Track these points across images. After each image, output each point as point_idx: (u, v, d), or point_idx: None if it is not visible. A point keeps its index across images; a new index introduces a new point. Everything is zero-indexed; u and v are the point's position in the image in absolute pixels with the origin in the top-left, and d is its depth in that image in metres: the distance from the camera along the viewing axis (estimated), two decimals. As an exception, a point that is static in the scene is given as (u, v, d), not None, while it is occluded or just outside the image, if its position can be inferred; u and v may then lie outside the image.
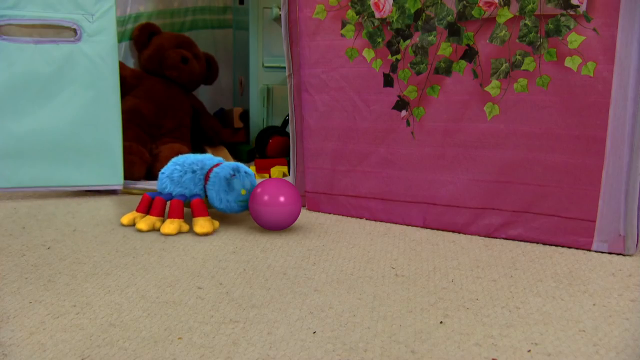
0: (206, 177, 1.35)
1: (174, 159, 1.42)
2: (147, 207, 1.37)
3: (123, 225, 1.36)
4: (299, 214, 1.34)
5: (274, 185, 1.31)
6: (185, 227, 1.32)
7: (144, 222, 1.32)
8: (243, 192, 1.33)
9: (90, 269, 1.09)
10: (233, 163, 1.36)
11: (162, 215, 1.35)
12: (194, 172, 1.37)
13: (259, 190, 1.31)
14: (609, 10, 1.13)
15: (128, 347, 0.81)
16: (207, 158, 1.41)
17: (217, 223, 1.33)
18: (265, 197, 1.29)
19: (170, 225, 1.29)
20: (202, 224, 1.29)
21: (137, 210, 1.37)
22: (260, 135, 2.16)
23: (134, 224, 1.36)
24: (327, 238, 1.30)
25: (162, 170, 1.41)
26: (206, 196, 1.36)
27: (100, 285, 1.02)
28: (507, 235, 1.30)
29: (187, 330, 0.86)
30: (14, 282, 1.03)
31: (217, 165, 1.37)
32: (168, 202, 1.37)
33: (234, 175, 1.33)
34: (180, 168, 1.38)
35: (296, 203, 1.31)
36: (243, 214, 1.46)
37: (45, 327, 0.86)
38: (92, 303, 0.94)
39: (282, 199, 1.29)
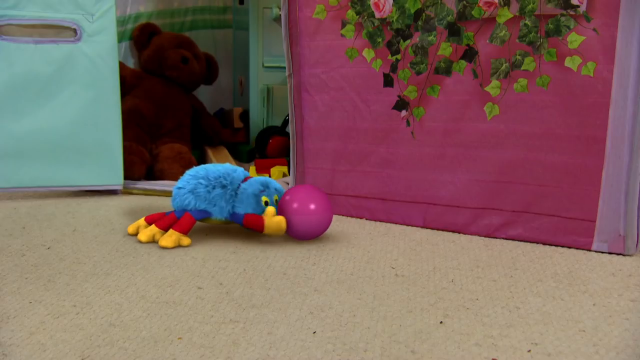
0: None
1: (192, 172, 1.29)
2: (157, 220, 1.28)
3: (129, 234, 1.30)
4: (329, 222, 1.28)
5: (304, 193, 1.26)
6: (186, 240, 1.23)
7: (144, 234, 1.25)
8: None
9: (90, 269, 1.09)
10: (261, 178, 1.28)
11: (166, 229, 1.26)
12: (223, 187, 1.25)
13: (287, 197, 1.25)
14: (609, 10, 1.13)
15: (128, 347, 0.81)
16: (232, 170, 1.29)
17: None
18: (295, 205, 1.24)
19: (168, 239, 1.21)
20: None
21: (145, 220, 1.30)
22: (260, 135, 2.15)
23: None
24: (327, 238, 1.30)
25: (179, 185, 1.29)
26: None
27: (100, 285, 1.02)
28: (507, 235, 1.30)
29: (187, 330, 0.86)
30: (14, 282, 1.03)
31: (244, 180, 1.28)
32: None
33: (263, 191, 1.25)
34: (206, 182, 1.26)
35: (327, 211, 1.26)
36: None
37: (45, 327, 0.86)
38: (92, 303, 0.94)
39: (312, 206, 1.23)
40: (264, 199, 1.25)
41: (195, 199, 1.26)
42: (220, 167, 1.30)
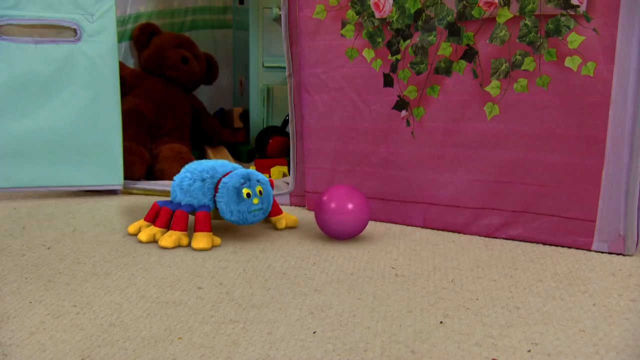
0: (216, 187, 1.25)
1: (187, 166, 1.33)
2: (154, 216, 1.29)
3: (130, 234, 1.29)
4: (366, 221, 1.28)
5: (341, 193, 1.27)
6: (185, 240, 1.23)
7: (145, 233, 1.25)
8: (256, 201, 1.22)
9: (90, 269, 1.09)
10: (245, 170, 1.27)
11: (166, 227, 1.26)
12: (203, 180, 1.26)
13: (325, 198, 1.26)
14: (609, 10, 1.13)
15: (128, 347, 0.81)
16: (220, 165, 1.30)
17: (218, 240, 1.24)
18: (333, 205, 1.25)
19: (168, 239, 1.22)
20: (200, 239, 1.20)
21: (145, 219, 1.31)
22: (260, 135, 2.15)
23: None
24: (327, 238, 1.30)
25: (175, 177, 1.32)
26: (216, 208, 1.26)
27: (100, 285, 1.02)
28: (507, 235, 1.30)
29: (187, 330, 0.86)
30: (14, 282, 1.03)
31: (228, 173, 1.26)
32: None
33: (244, 183, 1.22)
34: (190, 176, 1.28)
35: (364, 210, 1.26)
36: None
37: (45, 327, 0.86)
38: (92, 303, 0.94)
39: (350, 206, 1.24)
40: (245, 191, 1.21)
41: (180, 192, 1.29)
42: (213, 162, 1.32)
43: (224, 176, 1.26)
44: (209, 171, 1.28)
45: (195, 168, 1.30)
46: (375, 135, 1.41)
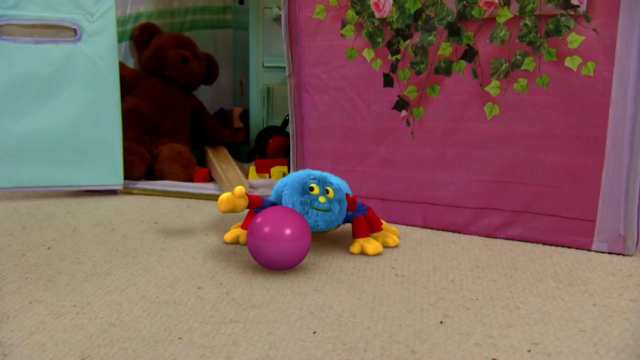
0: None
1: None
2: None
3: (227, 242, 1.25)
4: (307, 250, 1.09)
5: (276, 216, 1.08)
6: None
7: (230, 234, 1.24)
8: (322, 199, 1.14)
9: (90, 269, 1.09)
10: (321, 172, 1.22)
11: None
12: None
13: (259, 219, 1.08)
14: (609, 10, 1.13)
15: (128, 347, 0.81)
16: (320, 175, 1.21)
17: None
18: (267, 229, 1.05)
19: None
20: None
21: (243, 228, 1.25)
22: (260, 135, 2.15)
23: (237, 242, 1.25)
24: (327, 238, 1.30)
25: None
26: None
27: (100, 285, 1.02)
28: (507, 235, 1.30)
29: (187, 330, 0.86)
30: (14, 282, 1.03)
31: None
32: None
33: (313, 179, 1.17)
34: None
35: (303, 237, 1.07)
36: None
37: (45, 327, 0.86)
38: (92, 303, 0.94)
39: (288, 231, 1.05)
40: (312, 185, 1.16)
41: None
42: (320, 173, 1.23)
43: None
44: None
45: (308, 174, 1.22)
46: (375, 135, 1.41)
